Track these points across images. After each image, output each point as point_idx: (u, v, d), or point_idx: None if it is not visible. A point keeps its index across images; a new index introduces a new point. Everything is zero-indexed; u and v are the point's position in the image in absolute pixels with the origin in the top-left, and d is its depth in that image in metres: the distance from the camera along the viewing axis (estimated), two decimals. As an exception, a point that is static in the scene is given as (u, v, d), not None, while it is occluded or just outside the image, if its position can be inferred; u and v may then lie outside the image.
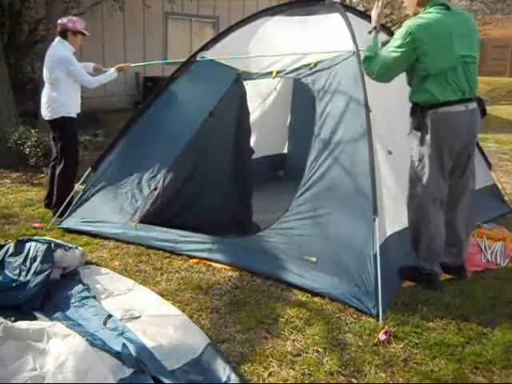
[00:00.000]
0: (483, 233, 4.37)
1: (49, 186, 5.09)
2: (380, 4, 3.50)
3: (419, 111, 3.30)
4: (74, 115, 4.83)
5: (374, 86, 3.56)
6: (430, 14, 3.23)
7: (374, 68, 3.30)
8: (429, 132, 3.25)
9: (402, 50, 3.19)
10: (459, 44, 3.21)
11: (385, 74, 3.31)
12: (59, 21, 4.75)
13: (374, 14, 3.48)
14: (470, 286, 3.49)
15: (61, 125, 4.77)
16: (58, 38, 4.75)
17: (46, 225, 4.51)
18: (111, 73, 4.88)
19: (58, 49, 4.71)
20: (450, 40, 3.20)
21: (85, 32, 4.81)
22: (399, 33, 3.22)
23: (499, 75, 19.57)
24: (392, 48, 3.23)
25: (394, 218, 3.60)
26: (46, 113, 4.81)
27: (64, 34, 4.70)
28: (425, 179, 3.32)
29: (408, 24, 3.19)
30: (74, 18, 4.87)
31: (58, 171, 4.84)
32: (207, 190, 4.25)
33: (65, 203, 4.51)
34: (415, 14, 3.33)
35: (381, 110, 3.72)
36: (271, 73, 4.02)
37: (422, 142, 3.30)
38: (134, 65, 5.15)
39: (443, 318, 3.06)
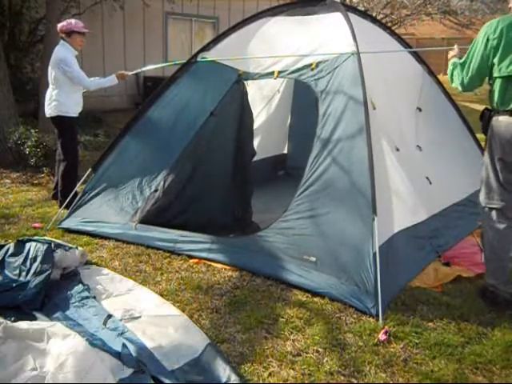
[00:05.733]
0: (483, 233, 4.37)
1: (55, 178, 5.34)
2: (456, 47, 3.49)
3: (487, 116, 3.20)
4: (74, 115, 4.95)
5: (382, 84, 3.55)
6: None
7: (463, 76, 3.19)
8: (487, 138, 3.20)
9: (478, 48, 3.08)
10: None
11: (473, 78, 3.17)
12: (62, 23, 4.90)
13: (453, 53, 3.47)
14: (470, 286, 3.49)
15: (58, 123, 4.94)
16: (61, 41, 4.91)
17: (45, 225, 4.51)
18: (112, 78, 4.99)
19: (60, 50, 4.87)
20: None
21: (85, 33, 4.98)
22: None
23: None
24: (470, 50, 3.13)
25: (403, 214, 3.61)
26: (46, 110, 4.99)
27: (70, 34, 4.84)
28: (481, 184, 3.28)
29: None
30: (73, 20, 5.00)
31: (60, 169, 5.02)
32: (208, 191, 4.25)
33: (68, 199, 4.54)
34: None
35: (390, 108, 3.72)
36: (272, 73, 4.01)
37: (485, 147, 3.24)
38: (132, 72, 5.23)
39: (443, 318, 3.06)
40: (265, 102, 5.97)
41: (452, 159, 4.66)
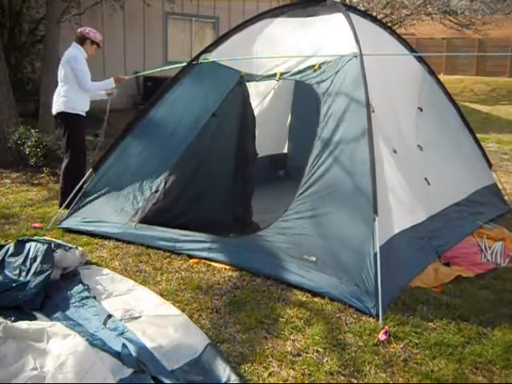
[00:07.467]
0: (483, 233, 4.37)
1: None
2: None
3: None
4: (81, 113, 4.93)
5: (382, 86, 3.54)
6: None
7: None
8: None
9: None
10: None
11: None
12: (81, 28, 5.01)
13: None
14: (470, 286, 3.49)
15: (64, 119, 4.92)
16: (73, 43, 4.95)
17: (45, 225, 4.51)
18: (109, 81, 5.02)
19: (72, 51, 4.91)
20: None
21: (100, 45, 5.04)
22: None
23: (499, 75, 19.59)
24: None
25: (402, 215, 3.61)
26: (54, 107, 4.98)
27: (83, 40, 4.91)
28: None
29: None
30: (94, 30, 5.06)
31: (62, 166, 4.98)
32: (209, 192, 4.24)
33: (69, 197, 4.50)
34: None
35: (389, 109, 3.71)
36: (275, 75, 4.01)
37: None
38: (129, 77, 5.21)
39: (443, 318, 3.06)
40: (259, 98, 5.91)
41: (452, 159, 4.66)
